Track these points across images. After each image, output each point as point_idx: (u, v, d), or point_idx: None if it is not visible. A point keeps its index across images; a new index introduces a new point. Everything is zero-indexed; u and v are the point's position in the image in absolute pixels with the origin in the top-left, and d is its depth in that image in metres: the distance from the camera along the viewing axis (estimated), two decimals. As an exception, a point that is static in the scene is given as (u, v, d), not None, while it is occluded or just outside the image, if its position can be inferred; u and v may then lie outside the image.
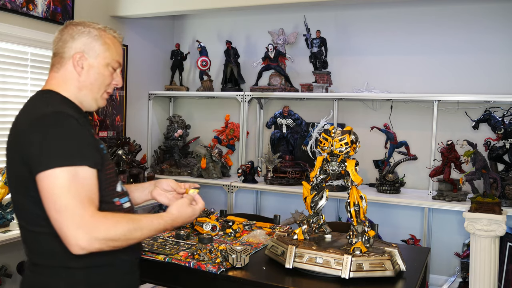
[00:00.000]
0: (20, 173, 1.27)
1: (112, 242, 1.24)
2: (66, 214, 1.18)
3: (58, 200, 1.18)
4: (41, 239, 1.30)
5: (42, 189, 1.21)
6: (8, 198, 2.70)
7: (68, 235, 1.18)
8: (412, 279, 1.80)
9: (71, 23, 1.43)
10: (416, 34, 3.67)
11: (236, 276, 1.78)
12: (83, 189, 1.22)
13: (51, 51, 1.45)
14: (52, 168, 1.19)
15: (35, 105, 1.35)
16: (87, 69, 1.40)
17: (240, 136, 4.00)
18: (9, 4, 2.93)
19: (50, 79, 1.43)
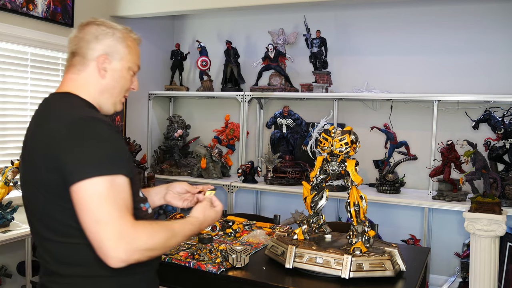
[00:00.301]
0: (50, 180, 1.19)
1: (151, 252, 1.19)
2: (107, 225, 1.11)
3: (97, 211, 1.12)
4: (72, 250, 1.23)
5: (79, 199, 1.14)
6: (8, 198, 2.70)
7: (108, 247, 1.11)
8: (412, 279, 1.80)
9: (93, 22, 1.35)
10: (416, 34, 3.67)
11: (236, 276, 1.78)
12: (120, 198, 1.16)
13: (68, 49, 1.38)
14: (90, 177, 1.13)
15: (61, 108, 1.27)
16: (111, 73, 1.35)
17: (240, 136, 4.00)
18: (9, 4, 2.93)
19: (68, 81, 1.35)
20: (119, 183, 1.17)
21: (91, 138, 1.17)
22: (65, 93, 1.33)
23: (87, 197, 1.13)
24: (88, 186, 1.13)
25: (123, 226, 1.13)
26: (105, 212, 1.12)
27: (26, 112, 3.18)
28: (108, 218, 1.12)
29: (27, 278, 2.58)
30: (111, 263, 1.12)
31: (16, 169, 2.64)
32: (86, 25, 1.35)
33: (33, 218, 1.30)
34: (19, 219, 2.71)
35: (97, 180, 1.13)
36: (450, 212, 3.37)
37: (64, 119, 1.21)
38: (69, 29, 3.41)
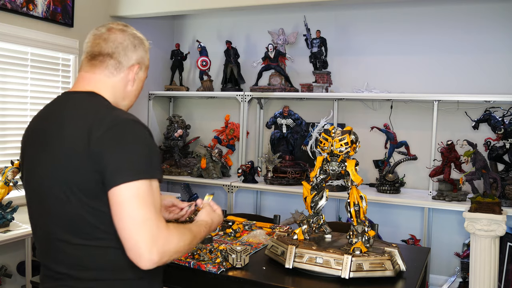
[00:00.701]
0: (88, 180, 1.18)
1: (178, 254, 1.22)
2: (144, 227, 1.13)
3: (136, 213, 1.13)
4: (92, 253, 1.22)
5: (119, 201, 1.14)
6: (8, 198, 2.70)
7: (144, 249, 1.12)
8: (412, 279, 1.80)
9: (130, 31, 1.38)
10: (416, 34, 3.67)
11: (236, 276, 1.78)
12: (156, 202, 1.18)
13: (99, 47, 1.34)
14: (132, 181, 1.14)
15: (97, 108, 1.26)
16: (137, 82, 1.40)
17: (240, 136, 4.00)
18: (9, 4, 2.93)
19: (97, 82, 1.33)
20: (155, 187, 1.20)
21: (133, 141, 1.19)
22: (90, 92, 1.32)
23: (127, 199, 1.14)
24: (130, 189, 1.14)
25: (159, 229, 1.15)
26: (143, 214, 1.14)
27: (26, 112, 3.18)
28: (145, 220, 1.14)
29: (27, 278, 2.58)
30: (143, 265, 1.14)
31: (16, 169, 2.64)
32: (122, 32, 1.36)
33: (48, 219, 1.27)
34: (19, 219, 2.71)
35: (138, 184, 1.15)
36: (450, 212, 3.37)
37: (103, 119, 1.20)
38: (69, 29, 3.41)
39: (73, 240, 1.23)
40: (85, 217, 1.20)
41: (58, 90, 3.40)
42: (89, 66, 1.34)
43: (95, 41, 1.35)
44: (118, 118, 1.21)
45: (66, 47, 3.39)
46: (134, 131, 1.20)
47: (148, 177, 1.17)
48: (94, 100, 1.29)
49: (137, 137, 1.20)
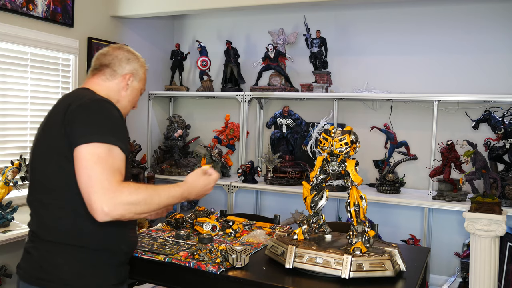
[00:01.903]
0: (58, 145, 1.42)
1: (134, 206, 1.36)
2: (96, 181, 1.32)
3: (91, 169, 1.33)
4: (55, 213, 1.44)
5: (79, 158, 1.36)
6: (8, 198, 2.70)
7: (94, 200, 1.31)
8: (412, 279, 1.80)
9: (126, 48, 1.71)
10: (416, 34, 3.67)
11: (236, 276, 1.78)
12: (113, 164, 1.37)
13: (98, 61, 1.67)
14: (93, 142, 1.36)
15: (84, 93, 1.54)
16: (131, 89, 1.68)
17: (240, 136, 4.00)
18: (9, 4, 2.93)
19: (96, 84, 1.63)
20: (115, 153, 1.40)
21: (100, 113, 1.44)
22: (85, 87, 1.63)
23: (86, 157, 1.35)
24: (90, 149, 1.36)
25: (110, 183, 1.33)
26: (98, 170, 1.33)
27: (26, 112, 3.18)
28: (98, 175, 1.33)
29: (27, 278, 2.58)
30: (96, 216, 1.32)
31: (16, 169, 2.64)
32: (119, 48, 1.69)
33: (33, 183, 1.53)
34: (19, 219, 2.71)
35: (96, 145, 1.37)
36: (450, 212, 3.37)
37: (83, 99, 1.48)
38: (69, 29, 3.41)
39: (44, 199, 1.47)
40: (56, 175, 1.43)
41: (58, 90, 3.40)
42: (91, 75, 1.68)
43: (97, 58, 1.69)
44: (93, 98, 1.49)
45: (66, 47, 3.39)
46: (103, 107, 1.46)
47: (107, 141, 1.38)
48: (84, 91, 1.59)
49: (105, 111, 1.45)
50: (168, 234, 2.24)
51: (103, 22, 3.77)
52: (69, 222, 1.43)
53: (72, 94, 1.59)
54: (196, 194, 1.66)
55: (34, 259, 1.46)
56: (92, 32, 3.63)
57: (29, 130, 3.20)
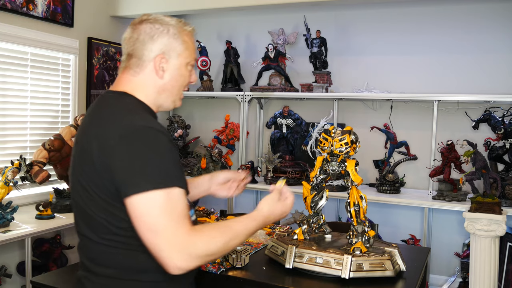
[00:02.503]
0: (104, 189, 1.18)
1: (210, 257, 1.18)
2: (162, 236, 1.12)
3: (153, 223, 1.12)
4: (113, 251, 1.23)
5: (135, 211, 1.13)
6: (8, 198, 2.71)
7: (165, 257, 1.12)
8: (412, 279, 1.80)
9: (147, 20, 1.31)
10: (416, 34, 3.67)
11: (236, 276, 1.78)
12: (176, 210, 1.14)
13: (124, 50, 1.34)
14: (146, 191, 1.12)
15: (117, 112, 1.23)
16: (169, 72, 1.32)
17: (240, 136, 4.00)
18: (9, 4, 2.93)
19: (125, 82, 1.32)
20: (175, 195, 1.16)
21: (146, 149, 1.15)
22: (121, 92, 1.31)
23: (143, 210, 1.12)
24: (146, 200, 1.12)
25: (178, 237, 1.12)
26: (161, 224, 1.12)
27: (26, 112, 3.18)
28: (163, 229, 1.12)
29: (27, 278, 2.58)
30: (170, 271, 1.13)
31: (16, 169, 2.64)
32: (139, 24, 1.31)
33: (75, 213, 1.31)
34: (19, 219, 2.71)
35: (153, 194, 1.12)
36: (450, 212, 3.37)
37: (119, 126, 1.18)
38: (69, 29, 3.41)
39: (92, 236, 1.24)
40: (105, 220, 1.21)
41: (58, 90, 3.40)
42: (122, 69, 1.36)
43: (122, 47, 1.35)
44: (133, 126, 1.17)
45: (66, 47, 3.39)
46: (149, 139, 1.16)
47: (163, 186, 1.13)
48: (122, 102, 1.28)
49: (153, 145, 1.16)
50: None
51: (103, 22, 3.77)
52: (124, 259, 1.23)
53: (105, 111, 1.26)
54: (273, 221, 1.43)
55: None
56: (92, 32, 3.63)
57: (29, 130, 3.20)
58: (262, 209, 1.40)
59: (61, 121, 3.45)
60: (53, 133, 3.12)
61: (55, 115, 3.41)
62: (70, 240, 3.27)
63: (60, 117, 3.45)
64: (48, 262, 3.08)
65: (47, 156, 2.90)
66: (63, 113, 3.47)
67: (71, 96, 3.51)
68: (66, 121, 3.48)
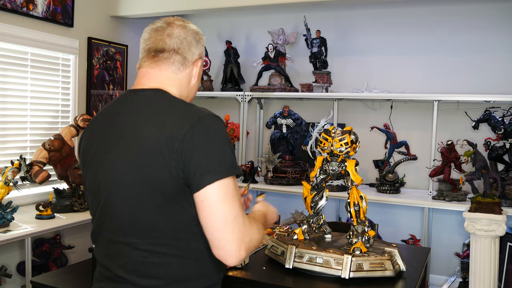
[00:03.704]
0: (165, 182, 1.13)
1: (254, 248, 1.21)
2: (236, 225, 1.13)
3: (230, 211, 1.12)
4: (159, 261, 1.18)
5: (212, 200, 1.11)
6: (8, 198, 2.71)
7: (234, 246, 1.12)
8: (412, 279, 1.80)
9: (190, 26, 1.37)
10: (416, 34, 3.67)
11: (236, 276, 1.78)
12: (240, 197, 1.18)
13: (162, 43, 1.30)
14: (225, 177, 1.12)
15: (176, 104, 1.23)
16: (199, 75, 1.38)
17: (240, 136, 4.00)
18: (9, 4, 2.93)
19: (164, 78, 1.29)
20: (236, 183, 1.19)
21: (218, 138, 1.16)
22: (158, 89, 1.28)
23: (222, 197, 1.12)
24: (221, 187, 1.12)
25: (245, 225, 1.15)
26: (234, 212, 1.13)
27: (26, 112, 3.18)
28: (236, 218, 1.13)
29: (27, 278, 2.58)
30: (231, 262, 1.14)
31: (16, 169, 2.64)
32: (183, 27, 1.34)
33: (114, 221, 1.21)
34: (19, 219, 2.71)
35: (227, 181, 1.13)
36: (450, 212, 3.37)
37: (186, 115, 1.18)
38: (69, 29, 3.41)
39: (138, 244, 1.18)
40: (156, 220, 1.16)
41: (58, 90, 3.40)
42: (153, 63, 1.30)
43: (157, 37, 1.31)
44: (200, 113, 1.19)
45: (66, 47, 3.39)
46: (216, 127, 1.18)
47: (235, 172, 1.16)
48: (166, 97, 1.26)
49: (220, 133, 1.18)
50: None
51: (103, 22, 3.77)
52: (172, 268, 1.19)
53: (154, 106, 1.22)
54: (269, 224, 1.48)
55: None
56: (92, 32, 3.63)
57: (29, 130, 3.20)
58: (261, 209, 1.46)
59: (61, 121, 3.45)
60: (53, 133, 3.12)
61: (55, 115, 3.41)
62: (70, 240, 3.27)
63: (60, 117, 3.45)
64: (48, 262, 3.09)
65: (47, 156, 2.90)
66: (63, 113, 3.47)
67: (71, 96, 3.51)
68: (66, 121, 3.48)
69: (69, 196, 3.02)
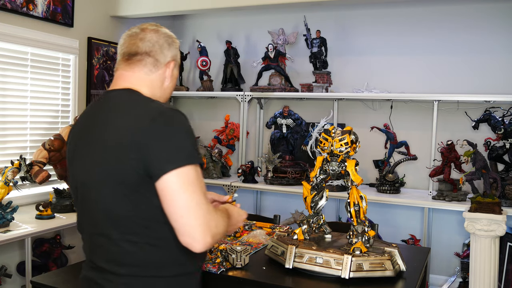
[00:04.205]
0: (130, 173, 1.20)
1: (222, 235, 1.27)
2: (199, 211, 1.17)
3: (191, 198, 1.17)
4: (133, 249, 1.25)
5: (172, 188, 1.17)
6: (8, 198, 2.70)
7: (199, 233, 1.17)
8: (412, 279, 1.80)
9: (163, 30, 1.43)
10: (416, 34, 3.67)
11: (236, 276, 1.78)
12: (204, 186, 1.23)
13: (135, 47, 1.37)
14: (183, 166, 1.18)
15: (140, 102, 1.30)
16: (173, 78, 1.44)
17: (240, 136, 4.00)
18: (9, 4, 2.93)
19: (135, 79, 1.37)
20: (200, 172, 1.24)
21: (178, 130, 1.22)
22: (129, 89, 1.35)
23: (180, 185, 1.17)
24: (181, 175, 1.17)
25: (210, 212, 1.20)
26: (196, 199, 1.18)
27: (26, 112, 3.18)
28: (199, 205, 1.18)
29: (27, 278, 2.58)
30: (197, 248, 1.18)
31: (16, 169, 2.64)
32: (156, 31, 1.40)
33: (92, 214, 1.30)
34: (19, 219, 2.71)
35: (187, 169, 1.18)
36: (450, 212, 3.37)
37: (148, 111, 1.24)
38: (69, 29, 3.41)
39: (113, 235, 1.25)
40: (125, 210, 1.23)
41: (58, 90, 3.40)
42: (127, 65, 1.38)
43: (131, 41, 1.38)
44: (161, 108, 1.25)
45: (66, 47, 3.39)
46: (178, 120, 1.24)
47: (195, 161, 1.21)
48: (134, 95, 1.33)
49: (181, 125, 1.24)
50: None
51: (103, 22, 3.77)
52: (148, 256, 1.25)
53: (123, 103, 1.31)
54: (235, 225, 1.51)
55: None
56: (92, 32, 3.63)
57: (29, 130, 3.20)
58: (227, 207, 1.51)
59: (61, 121, 3.45)
60: (53, 133, 3.12)
61: (55, 115, 3.41)
62: (70, 240, 3.27)
63: (60, 117, 3.45)
64: (48, 262, 3.08)
65: (47, 156, 2.90)
66: (63, 113, 3.47)
67: (71, 96, 3.51)
68: (66, 121, 3.48)
69: (69, 196, 3.02)
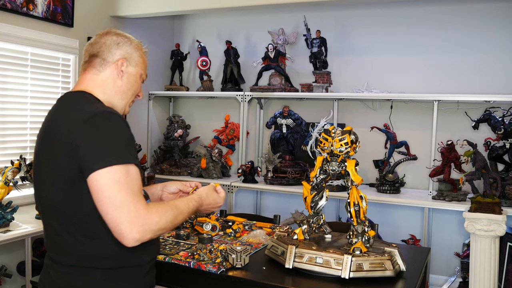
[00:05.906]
0: (65, 169, 1.30)
1: (161, 231, 1.33)
2: (123, 209, 1.24)
3: (115, 196, 1.24)
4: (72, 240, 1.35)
5: (98, 186, 1.25)
6: (8, 198, 2.70)
7: (125, 229, 1.24)
8: (412, 279, 1.80)
9: (113, 31, 1.53)
10: (416, 34, 3.67)
11: (236, 276, 1.78)
12: (134, 185, 1.29)
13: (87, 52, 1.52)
14: (109, 166, 1.25)
15: (80, 103, 1.39)
16: (127, 75, 1.51)
17: (240, 136, 4.00)
18: (9, 4, 2.93)
19: (86, 80, 1.48)
20: (133, 172, 1.30)
21: (109, 130, 1.30)
22: (80, 91, 1.46)
23: (105, 184, 1.25)
24: (107, 174, 1.25)
25: (137, 210, 1.26)
26: (121, 197, 1.24)
27: (26, 112, 3.18)
28: (124, 203, 1.25)
29: (27, 278, 2.58)
30: (126, 243, 1.26)
31: (16, 169, 2.64)
32: (106, 34, 1.52)
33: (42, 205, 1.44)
34: (19, 219, 2.71)
35: (114, 169, 1.26)
36: (450, 212, 3.37)
37: (83, 112, 1.32)
38: (69, 29, 3.41)
39: (57, 225, 1.37)
40: (66, 203, 1.33)
41: (58, 90, 3.40)
42: (83, 70, 1.52)
43: (86, 49, 1.53)
44: (95, 110, 1.32)
45: (66, 47, 3.39)
46: (109, 121, 1.32)
47: (123, 162, 1.28)
48: (81, 97, 1.43)
49: (112, 126, 1.32)
50: (168, 234, 2.24)
51: (103, 22, 3.77)
52: (85, 248, 1.34)
53: (67, 105, 1.42)
54: (206, 208, 1.65)
55: (52, 279, 1.40)
56: (92, 32, 3.62)
57: (29, 130, 3.20)
58: (200, 192, 1.65)
59: (61, 121, 3.45)
60: (53, 133, 3.11)
61: (55, 115, 3.40)
62: (70, 240, 3.27)
63: (60, 117, 3.44)
64: (48, 262, 3.08)
65: (47, 156, 2.90)
66: (63, 113, 3.46)
67: (71, 96, 3.51)
68: (66, 121, 3.47)
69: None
